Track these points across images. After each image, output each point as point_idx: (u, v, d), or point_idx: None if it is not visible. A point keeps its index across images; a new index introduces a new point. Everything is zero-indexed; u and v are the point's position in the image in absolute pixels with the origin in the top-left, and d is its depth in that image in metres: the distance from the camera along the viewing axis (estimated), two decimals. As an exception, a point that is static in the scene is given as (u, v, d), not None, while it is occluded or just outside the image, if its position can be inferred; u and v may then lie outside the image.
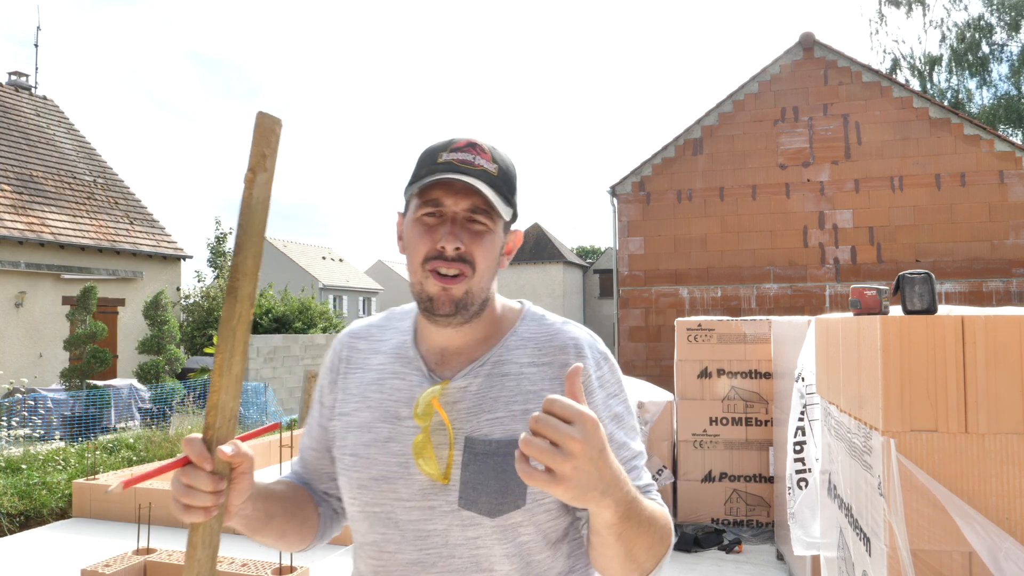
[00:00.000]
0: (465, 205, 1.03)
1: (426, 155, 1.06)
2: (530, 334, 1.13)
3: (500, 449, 1.02)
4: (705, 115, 12.20)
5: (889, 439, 1.83)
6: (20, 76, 18.99)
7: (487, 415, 1.05)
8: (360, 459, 1.07)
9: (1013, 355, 1.79)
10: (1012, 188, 10.82)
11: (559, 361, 1.09)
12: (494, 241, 1.05)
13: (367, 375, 1.13)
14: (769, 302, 11.69)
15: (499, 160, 1.07)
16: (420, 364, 1.09)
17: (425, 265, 1.03)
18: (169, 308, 13.54)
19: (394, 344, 1.14)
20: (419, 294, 1.05)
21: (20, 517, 5.91)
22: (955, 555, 1.77)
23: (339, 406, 1.14)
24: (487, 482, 1.01)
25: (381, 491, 1.05)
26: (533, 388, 1.07)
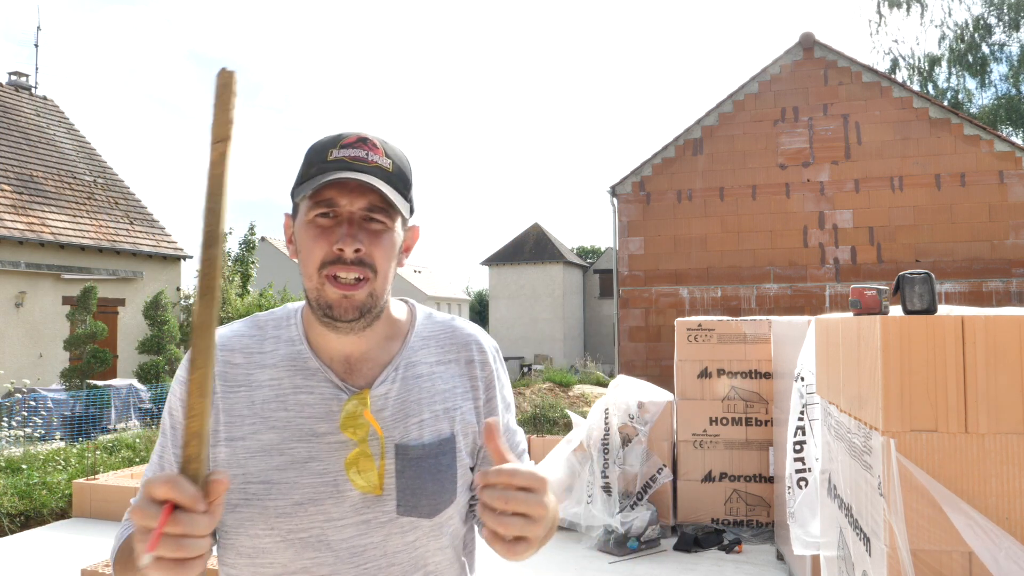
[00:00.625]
0: (361, 204, 0.97)
1: (314, 153, 1.00)
2: (428, 332, 1.12)
3: (433, 451, 1.03)
4: (705, 115, 12.20)
5: (889, 439, 1.83)
6: (20, 76, 19.00)
7: (413, 419, 1.03)
8: (275, 485, 0.98)
9: (1013, 355, 1.79)
10: (1012, 188, 10.82)
11: (464, 358, 1.11)
12: (393, 240, 1.01)
13: (258, 393, 1.01)
14: (769, 302, 11.69)
15: (392, 155, 1.03)
16: (328, 375, 1.02)
17: (322, 271, 0.96)
18: (169, 308, 13.55)
19: (283, 356, 1.04)
20: (316, 300, 0.97)
21: (20, 517, 5.91)
22: (955, 555, 1.77)
23: (223, 431, 1.00)
24: (425, 485, 1.01)
25: (308, 515, 0.98)
26: (446, 387, 1.08)
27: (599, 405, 5.51)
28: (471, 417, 1.09)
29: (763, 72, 12.06)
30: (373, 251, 0.97)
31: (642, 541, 4.99)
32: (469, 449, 1.08)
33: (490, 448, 0.86)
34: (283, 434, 0.99)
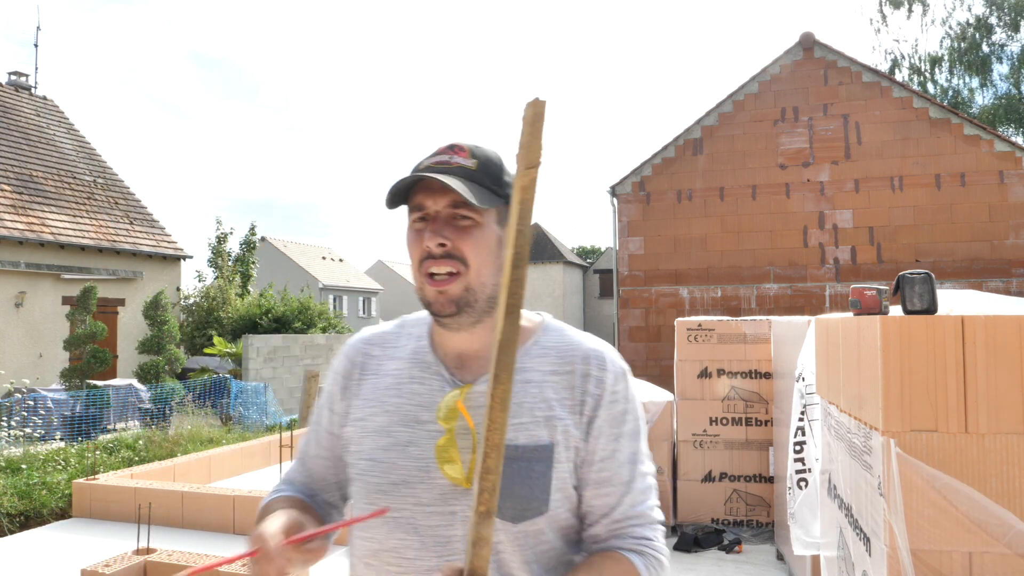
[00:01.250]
0: (445, 203, 1.03)
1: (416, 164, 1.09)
2: (552, 344, 1.12)
3: (526, 454, 1.02)
4: (705, 115, 12.20)
5: (889, 439, 1.83)
6: (20, 76, 18.99)
7: (512, 420, 1.03)
8: (378, 463, 1.06)
9: (1013, 355, 1.79)
10: (1012, 188, 10.82)
11: (580, 371, 1.09)
12: (485, 235, 1.04)
13: (383, 380, 1.12)
14: (769, 302, 11.69)
15: (479, 155, 1.07)
16: (440, 369, 1.09)
17: (421, 268, 1.04)
18: (169, 308, 13.53)
19: (411, 350, 1.14)
20: (422, 300, 1.06)
21: (20, 517, 5.91)
22: (955, 555, 1.77)
23: (353, 412, 1.13)
24: (512, 487, 1.00)
25: (401, 496, 1.03)
26: (555, 396, 1.07)
27: (599, 405, 5.49)
28: (575, 431, 1.06)
29: (763, 72, 12.06)
30: (460, 245, 1.02)
31: (642, 541, 4.98)
32: (570, 465, 1.05)
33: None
34: (392, 418, 1.08)
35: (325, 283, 37.59)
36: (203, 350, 17.47)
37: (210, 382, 12.63)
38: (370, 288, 42.10)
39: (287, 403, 13.83)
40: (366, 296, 42.07)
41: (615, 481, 1.07)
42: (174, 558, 4.21)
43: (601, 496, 1.07)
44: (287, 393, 14.08)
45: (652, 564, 1.06)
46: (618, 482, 1.07)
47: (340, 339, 15.93)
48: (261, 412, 12.08)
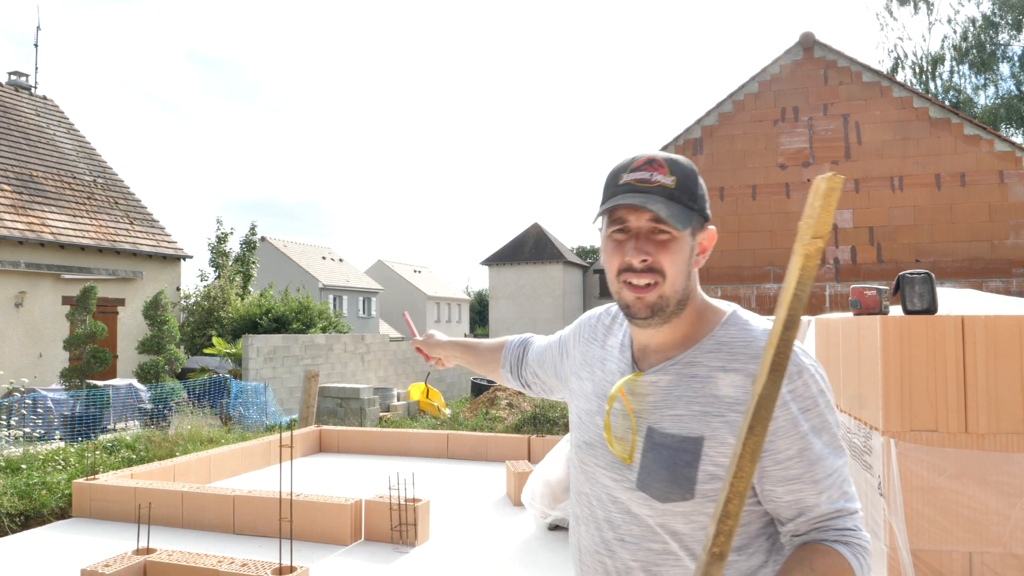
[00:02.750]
0: (647, 218, 1.13)
1: (610, 178, 1.20)
2: (728, 338, 1.17)
3: (673, 444, 1.13)
4: (705, 115, 12.19)
5: (889, 439, 1.83)
6: (20, 76, 18.99)
7: (669, 411, 1.16)
8: (582, 423, 1.28)
9: (1013, 355, 1.78)
10: (1012, 188, 10.81)
11: (749, 369, 1.12)
12: (681, 247, 1.14)
13: (597, 351, 1.34)
14: (769, 302, 11.69)
15: (677, 172, 1.15)
16: (629, 355, 1.26)
17: (619, 277, 1.16)
18: (169, 308, 13.53)
19: (620, 334, 1.31)
20: (618, 301, 1.19)
21: (20, 517, 5.90)
22: (955, 555, 1.77)
23: (574, 363, 1.40)
24: (659, 471, 1.13)
25: (591, 454, 1.25)
26: (718, 392, 1.12)
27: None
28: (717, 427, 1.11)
29: (763, 72, 12.06)
30: (660, 259, 1.13)
31: (642, 541, 4.98)
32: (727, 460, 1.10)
33: None
34: (594, 387, 1.29)
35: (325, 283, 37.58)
36: (203, 350, 17.47)
37: (210, 382, 12.63)
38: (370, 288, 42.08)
39: (287, 403, 13.82)
40: (366, 296, 42.05)
41: (806, 479, 1.09)
42: (174, 558, 4.21)
43: (793, 492, 1.10)
44: (287, 393, 14.08)
45: (859, 553, 1.09)
46: (810, 480, 1.09)
47: (340, 339, 15.92)
48: (261, 412, 12.08)
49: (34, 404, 9.89)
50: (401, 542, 5.05)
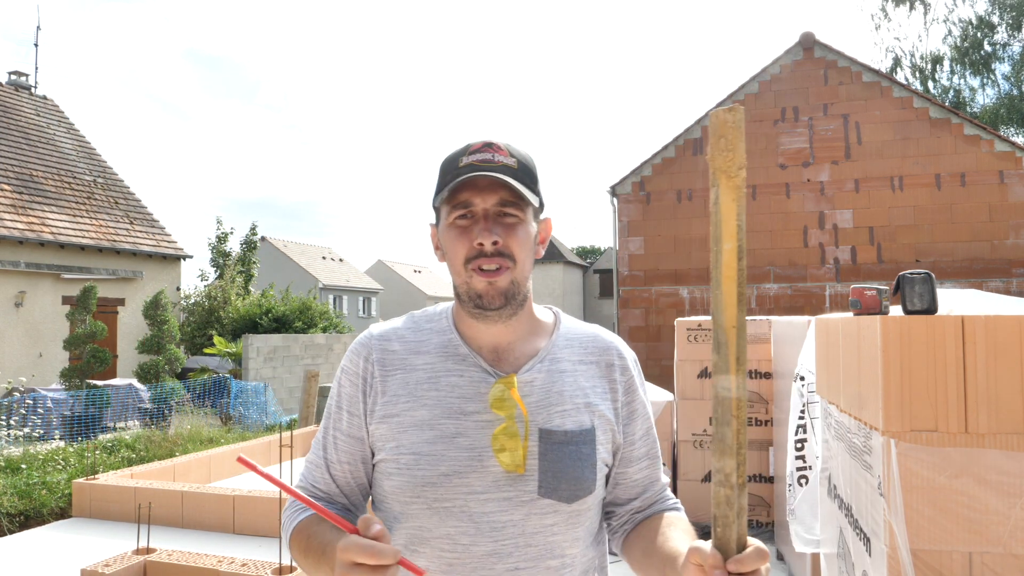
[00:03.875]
0: (493, 200, 1.08)
1: (447, 164, 1.12)
2: (572, 335, 1.21)
3: (575, 439, 1.10)
4: (705, 115, 12.19)
5: (889, 439, 1.83)
6: (20, 76, 18.99)
7: (556, 408, 1.12)
8: (424, 456, 1.07)
9: (1013, 355, 1.78)
10: (1012, 188, 10.82)
11: (604, 361, 1.20)
12: (528, 231, 1.11)
13: (413, 375, 1.12)
14: (769, 302, 11.69)
15: (516, 154, 1.12)
16: (478, 360, 1.12)
17: (468, 265, 1.08)
18: (169, 308, 13.53)
19: (437, 344, 1.15)
20: (467, 293, 1.09)
21: (20, 517, 5.90)
22: (955, 555, 1.77)
23: (381, 409, 1.12)
24: (565, 470, 1.08)
25: (453, 486, 1.06)
26: (587, 384, 1.16)
27: (599, 405, 5.50)
28: (610, 415, 1.17)
29: (763, 72, 12.06)
30: (509, 242, 1.08)
31: (642, 541, 4.99)
32: (608, 447, 1.16)
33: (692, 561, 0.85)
34: (434, 411, 1.09)
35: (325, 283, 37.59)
36: (203, 350, 17.48)
37: (210, 382, 12.63)
38: (370, 288, 42.10)
39: (287, 403, 13.83)
40: (366, 296, 42.07)
41: (652, 455, 1.23)
42: (174, 558, 4.21)
43: (643, 470, 1.21)
44: (287, 393, 14.08)
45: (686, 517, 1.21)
46: (654, 455, 1.23)
47: (340, 339, 15.92)
48: (261, 412, 12.08)
49: (34, 404, 9.89)
50: (401, 542, 5.05)
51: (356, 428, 1.14)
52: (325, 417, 1.19)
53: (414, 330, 1.18)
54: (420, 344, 1.15)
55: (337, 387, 1.17)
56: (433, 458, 1.07)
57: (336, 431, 1.16)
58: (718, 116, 0.80)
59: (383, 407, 1.11)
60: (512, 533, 1.07)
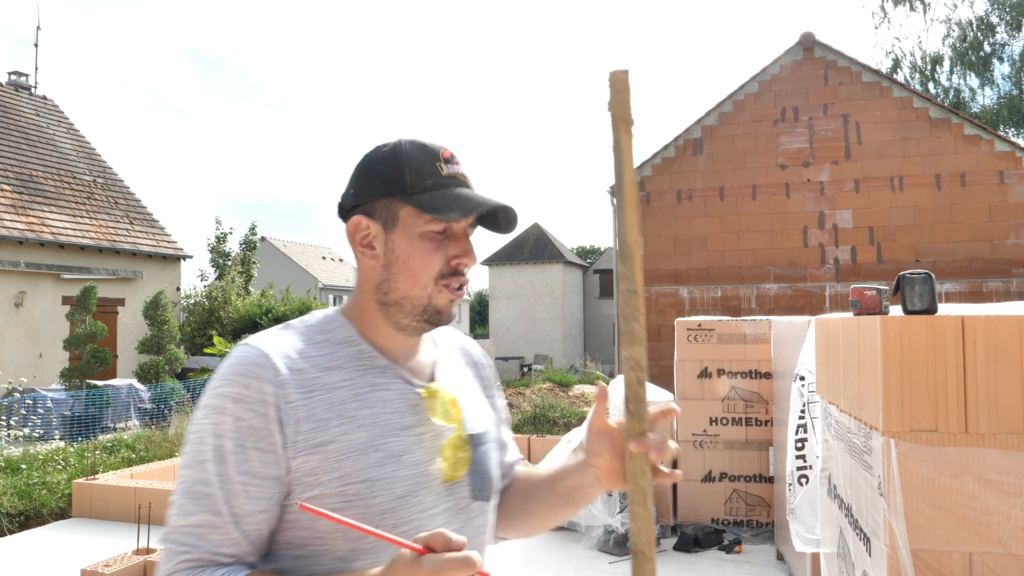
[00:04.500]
0: (471, 220, 1.06)
1: (417, 163, 1.02)
2: (444, 341, 1.22)
3: (486, 439, 1.13)
4: (705, 115, 12.20)
5: (889, 439, 1.83)
6: (20, 76, 18.99)
7: (470, 411, 1.12)
8: (377, 482, 0.97)
9: (1013, 355, 1.79)
10: (1012, 188, 10.82)
11: (471, 361, 1.25)
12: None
13: (336, 394, 0.99)
14: (769, 302, 11.69)
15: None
16: (398, 371, 1.06)
17: (439, 280, 1.03)
18: (169, 308, 13.53)
19: (348, 356, 1.03)
20: (424, 307, 1.03)
21: (20, 517, 5.90)
22: (955, 555, 1.77)
23: (308, 438, 0.95)
24: (487, 470, 1.11)
25: (409, 507, 1.00)
26: (473, 385, 1.21)
27: (599, 405, 5.50)
28: (491, 411, 1.22)
29: (763, 72, 12.06)
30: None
31: (642, 541, 4.98)
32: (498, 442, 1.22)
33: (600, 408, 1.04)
34: (372, 431, 0.99)
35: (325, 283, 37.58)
36: (203, 350, 17.48)
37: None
38: (370, 288, 42.00)
39: (287, 403, 13.79)
40: (366, 296, 41.97)
41: (511, 438, 1.32)
42: (174, 558, 4.20)
43: (514, 454, 1.31)
44: (287, 393, 14.06)
45: None
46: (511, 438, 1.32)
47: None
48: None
49: (34, 404, 9.89)
50: (401, 542, 5.05)
51: (271, 466, 0.94)
52: (214, 462, 0.93)
53: (311, 343, 1.02)
54: (327, 359, 1.01)
55: (231, 422, 0.93)
56: (387, 481, 0.98)
57: (243, 475, 0.93)
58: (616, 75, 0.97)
59: (310, 435, 0.95)
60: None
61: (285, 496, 0.96)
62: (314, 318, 1.08)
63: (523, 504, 1.23)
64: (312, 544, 0.96)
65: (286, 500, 0.96)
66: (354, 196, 1.05)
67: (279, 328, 1.05)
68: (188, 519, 0.92)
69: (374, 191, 1.03)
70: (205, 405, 0.96)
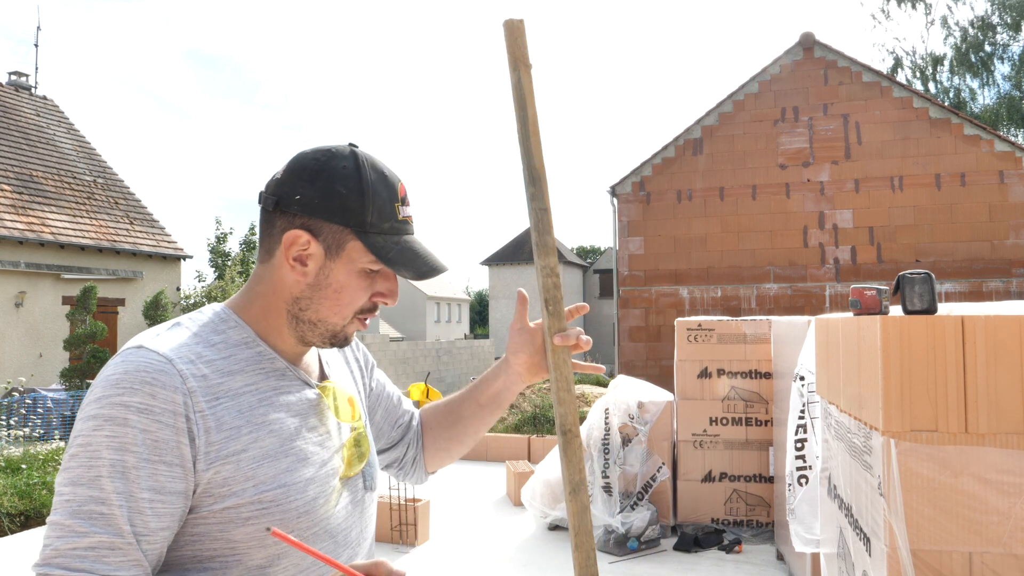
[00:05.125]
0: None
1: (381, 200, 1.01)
2: None
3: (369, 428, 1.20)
4: (705, 115, 12.20)
5: (889, 439, 1.83)
6: (20, 76, 18.99)
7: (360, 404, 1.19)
8: (291, 487, 0.96)
9: (1013, 355, 1.79)
10: (1012, 188, 10.82)
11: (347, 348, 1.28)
12: None
13: (243, 400, 0.96)
14: (769, 302, 11.69)
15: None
16: (296, 372, 1.05)
17: (358, 314, 1.04)
18: (169, 308, 13.54)
19: (246, 359, 1.00)
20: (335, 333, 1.04)
21: (20, 517, 5.91)
22: (955, 555, 1.77)
23: (219, 448, 0.91)
24: (373, 459, 1.17)
25: (319, 507, 1.00)
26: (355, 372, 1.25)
27: (599, 405, 5.51)
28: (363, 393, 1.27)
29: (763, 72, 12.07)
30: None
31: (642, 541, 4.99)
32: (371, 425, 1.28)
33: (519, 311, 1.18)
34: (280, 436, 0.98)
35: (325, 283, 37.53)
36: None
37: (210, 382, 12.63)
38: (370, 288, 42.03)
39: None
40: (366, 296, 42.00)
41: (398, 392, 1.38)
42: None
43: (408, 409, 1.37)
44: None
45: None
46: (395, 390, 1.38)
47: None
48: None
49: (34, 404, 9.89)
50: (401, 542, 5.05)
51: (179, 480, 0.89)
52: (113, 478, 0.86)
53: (208, 345, 0.98)
54: (228, 362, 0.98)
55: (135, 434, 0.87)
56: (300, 485, 0.97)
57: (149, 492, 0.87)
58: (511, 22, 1.05)
59: (222, 444, 0.92)
60: (355, 534, 1.09)
61: (189, 510, 0.92)
62: (204, 316, 1.03)
63: (451, 431, 1.32)
64: (223, 556, 0.93)
65: (192, 514, 0.92)
66: (300, 205, 0.99)
67: (169, 327, 0.99)
68: (78, 541, 0.83)
69: (330, 215, 0.99)
70: (97, 415, 0.87)
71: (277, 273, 1.02)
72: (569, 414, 1.05)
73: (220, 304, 1.06)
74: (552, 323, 1.06)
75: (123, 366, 0.90)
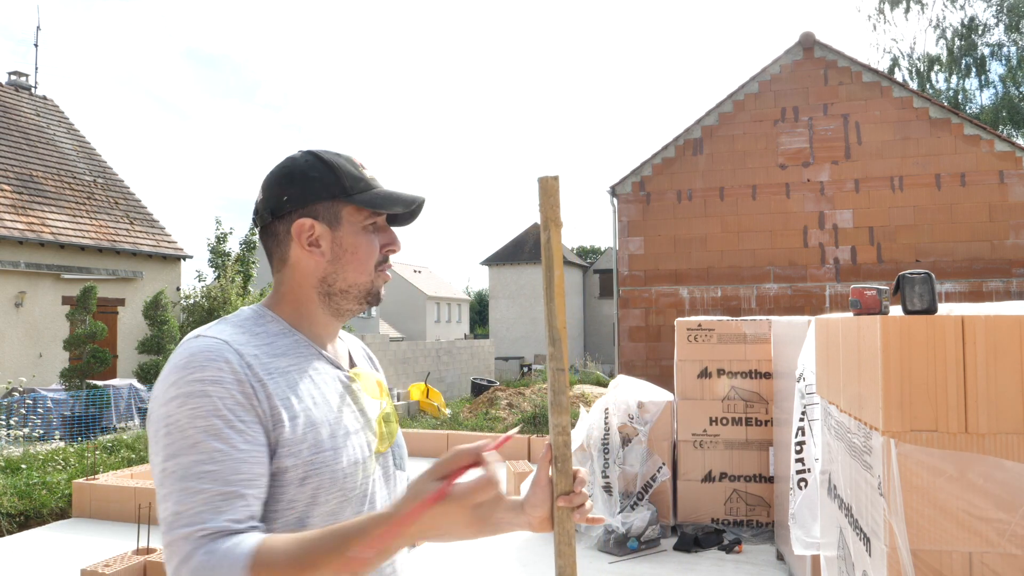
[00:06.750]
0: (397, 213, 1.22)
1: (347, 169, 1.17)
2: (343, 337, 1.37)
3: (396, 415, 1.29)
4: (705, 115, 12.20)
5: (889, 439, 1.83)
6: (20, 76, 18.98)
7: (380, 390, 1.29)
8: (339, 451, 1.09)
9: (1013, 355, 1.79)
10: (1012, 188, 10.82)
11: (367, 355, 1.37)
12: None
13: (289, 377, 1.08)
14: (769, 302, 11.69)
15: None
16: (330, 359, 1.19)
17: (379, 267, 1.18)
18: (169, 308, 13.54)
19: (287, 346, 1.12)
20: (368, 292, 1.19)
21: (20, 517, 5.90)
22: (955, 555, 1.77)
23: (277, 413, 1.02)
24: (403, 443, 1.29)
25: (359, 472, 1.12)
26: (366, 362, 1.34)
27: (599, 405, 5.51)
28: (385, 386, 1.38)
29: (763, 72, 12.06)
30: None
31: (642, 541, 4.99)
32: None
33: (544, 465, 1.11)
34: (323, 409, 1.10)
35: (325, 283, 37.53)
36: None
37: (210, 382, 12.61)
38: (370, 288, 42.01)
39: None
40: (366, 296, 41.98)
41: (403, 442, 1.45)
42: (174, 558, 4.20)
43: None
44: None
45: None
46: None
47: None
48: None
49: (34, 404, 9.89)
50: (401, 542, 5.05)
51: (260, 435, 1.00)
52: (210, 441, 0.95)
53: (252, 335, 1.10)
54: (272, 347, 1.10)
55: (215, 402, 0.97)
56: (343, 450, 1.09)
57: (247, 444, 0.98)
58: (546, 181, 1.06)
59: (280, 411, 1.03)
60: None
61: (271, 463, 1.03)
62: (244, 314, 1.16)
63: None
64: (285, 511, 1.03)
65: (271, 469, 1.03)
66: (289, 202, 1.14)
67: (216, 323, 1.12)
68: (193, 499, 0.93)
69: (316, 195, 1.14)
70: (177, 395, 0.97)
71: (298, 268, 1.16)
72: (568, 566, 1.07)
73: (255, 305, 1.19)
74: (559, 481, 1.07)
75: (188, 352, 1.02)
